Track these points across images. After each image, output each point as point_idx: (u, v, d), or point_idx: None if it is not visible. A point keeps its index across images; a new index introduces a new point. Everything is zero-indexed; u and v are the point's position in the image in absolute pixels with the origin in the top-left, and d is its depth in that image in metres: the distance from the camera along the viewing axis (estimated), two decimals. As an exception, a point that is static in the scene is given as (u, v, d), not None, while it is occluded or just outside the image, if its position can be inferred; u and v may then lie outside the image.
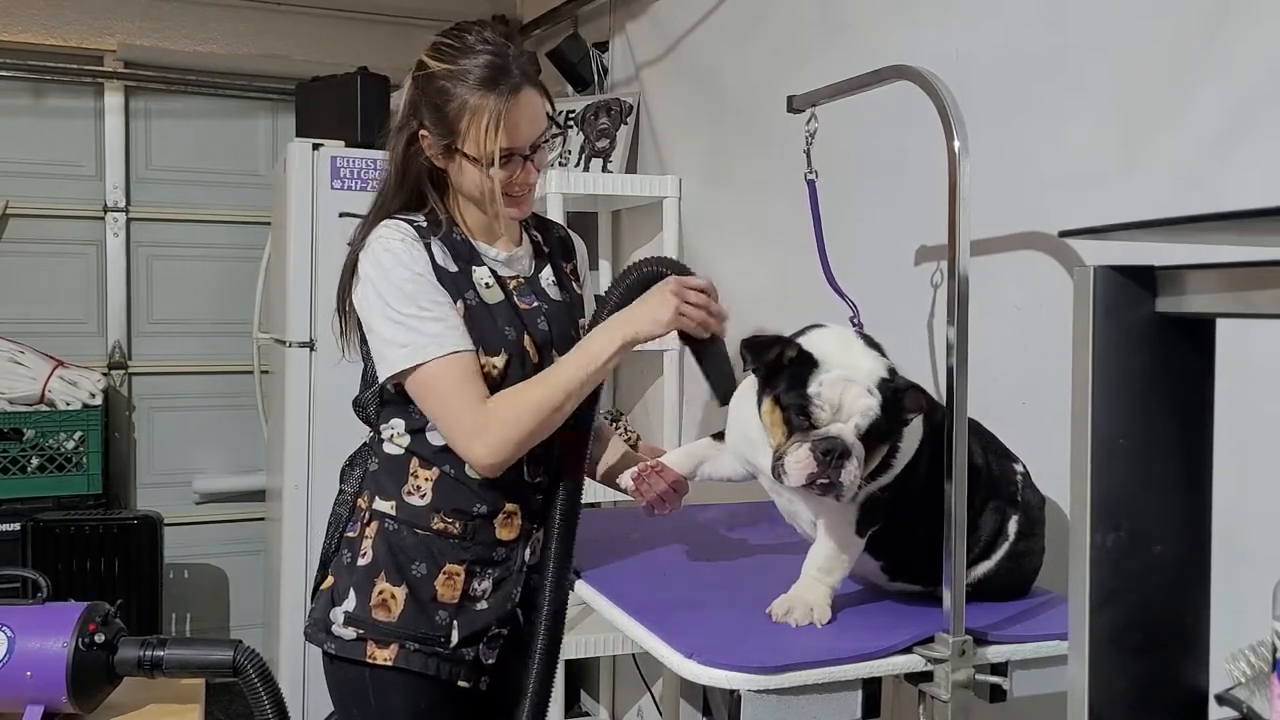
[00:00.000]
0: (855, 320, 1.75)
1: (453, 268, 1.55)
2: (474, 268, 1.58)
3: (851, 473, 1.33)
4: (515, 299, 1.60)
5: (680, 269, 1.58)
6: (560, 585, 1.59)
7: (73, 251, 3.92)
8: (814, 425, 1.35)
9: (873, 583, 1.59)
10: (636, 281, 1.57)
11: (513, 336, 1.56)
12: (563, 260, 1.72)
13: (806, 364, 1.37)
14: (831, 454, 1.32)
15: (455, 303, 1.53)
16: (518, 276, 1.63)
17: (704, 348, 1.54)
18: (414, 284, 1.50)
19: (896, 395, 1.37)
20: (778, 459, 1.37)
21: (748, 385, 1.50)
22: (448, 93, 1.51)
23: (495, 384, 1.53)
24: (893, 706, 1.63)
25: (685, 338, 1.54)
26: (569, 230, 1.80)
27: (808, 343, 1.41)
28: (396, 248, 1.52)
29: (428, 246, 1.54)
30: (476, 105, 1.49)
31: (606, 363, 1.49)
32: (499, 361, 1.54)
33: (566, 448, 1.61)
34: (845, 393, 1.34)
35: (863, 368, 1.37)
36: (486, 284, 1.58)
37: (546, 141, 1.57)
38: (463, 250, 1.58)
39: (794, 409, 1.36)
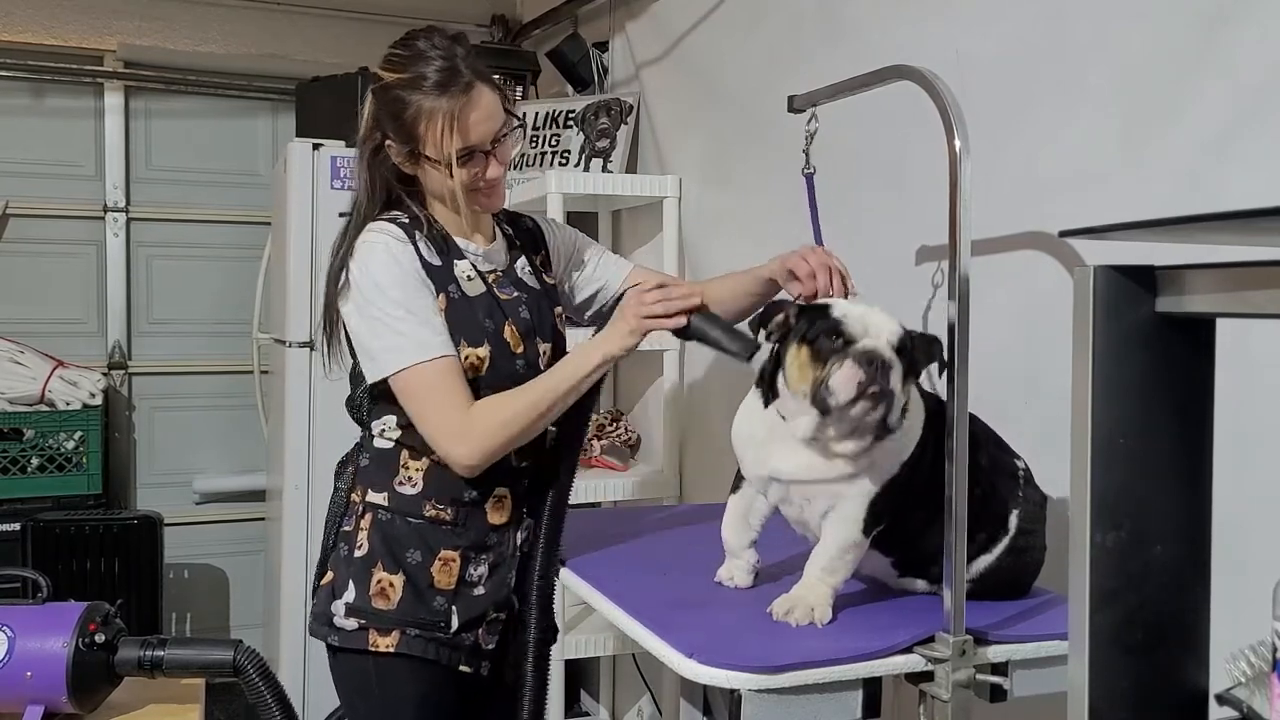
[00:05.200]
0: None
1: (437, 261, 1.59)
2: (456, 261, 1.61)
3: (898, 384, 1.35)
4: (496, 290, 1.63)
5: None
6: (546, 574, 1.63)
7: (73, 251, 3.91)
8: (848, 342, 1.36)
9: (880, 580, 1.59)
10: None
11: (492, 328, 1.59)
12: (532, 252, 1.75)
13: (820, 309, 1.42)
14: (875, 361, 1.33)
15: (438, 296, 1.56)
16: (495, 270, 1.66)
17: (694, 326, 1.54)
18: (401, 288, 1.54)
19: (910, 336, 1.41)
20: (820, 386, 1.35)
21: (743, 405, 1.53)
22: (403, 101, 1.55)
23: (479, 374, 1.57)
24: (893, 706, 1.63)
25: (675, 333, 1.55)
26: (537, 219, 1.82)
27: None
28: (382, 251, 1.55)
29: (414, 243, 1.57)
30: (431, 109, 1.53)
31: (586, 378, 1.54)
32: (482, 353, 1.57)
33: (562, 438, 1.65)
34: (868, 316, 1.38)
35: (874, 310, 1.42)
36: (468, 276, 1.61)
37: (507, 134, 1.60)
38: (444, 245, 1.61)
39: (824, 334, 1.37)
